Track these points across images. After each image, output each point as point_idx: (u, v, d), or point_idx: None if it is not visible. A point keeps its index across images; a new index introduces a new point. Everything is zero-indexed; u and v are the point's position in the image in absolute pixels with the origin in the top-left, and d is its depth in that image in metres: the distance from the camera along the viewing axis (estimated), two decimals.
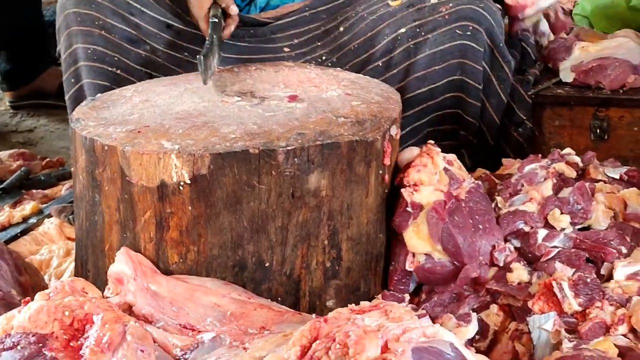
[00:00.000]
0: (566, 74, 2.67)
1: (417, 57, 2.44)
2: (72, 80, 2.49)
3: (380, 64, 2.44)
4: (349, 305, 1.62)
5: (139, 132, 1.87)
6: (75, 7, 2.44)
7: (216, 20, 2.33)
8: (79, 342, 1.58)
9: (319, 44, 2.51)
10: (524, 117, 2.55)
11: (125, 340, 1.56)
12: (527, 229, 2.04)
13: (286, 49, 2.50)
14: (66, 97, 2.53)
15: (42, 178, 2.93)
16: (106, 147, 1.83)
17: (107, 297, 1.77)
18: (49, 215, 2.55)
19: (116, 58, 2.45)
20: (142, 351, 1.56)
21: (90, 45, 2.44)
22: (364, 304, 1.67)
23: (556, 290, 1.85)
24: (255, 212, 1.83)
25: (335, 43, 2.53)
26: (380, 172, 1.95)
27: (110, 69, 2.42)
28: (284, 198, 1.84)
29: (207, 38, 2.28)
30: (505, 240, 2.05)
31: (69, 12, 2.45)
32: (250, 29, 2.53)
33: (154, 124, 1.91)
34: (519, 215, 2.06)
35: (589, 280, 1.85)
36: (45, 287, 2.16)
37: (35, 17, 4.09)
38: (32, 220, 2.54)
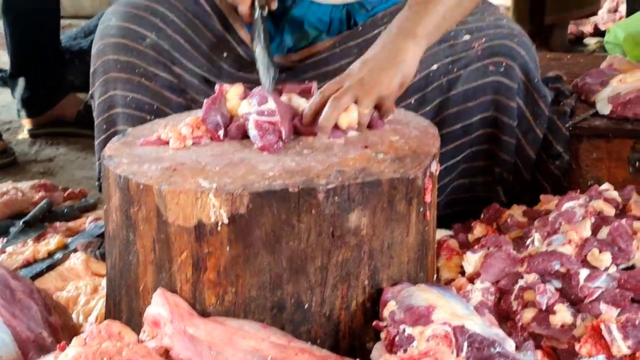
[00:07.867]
0: (603, 106, 2.59)
1: (450, 94, 2.37)
2: (104, 126, 2.43)
3: (413, 101, 2.37)
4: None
5: (174, 169, 1.82)
6: (116, 54, 2.37)
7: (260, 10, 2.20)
8: None
9: None
10: (561, 150, 2.49)
11: None
12: (563, 270, 1.99)
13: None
14: (95, 142, 2.48)
15: (65, 210, 2.88)
16: (141, 186, 1.78)
17: (143, 341, 1.72)
18: (75, 250, 2.49)
19: (155, 106, 2.37)
20: None
21: (129, 93, 2.37)
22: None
23: (604, 332, 1.79)
24: (294, 252, 1.78)
25: None
26: (421, 209, 1.89)
27: (148, 117, 2.35)
28: (323, 237, 1.78)
29: (255, 32, 2.18)
30: (545, 282, 1.99)
31: (108, 58, 2.37)
32: (282, 73, 2.46)
33: (189, 161, 1.86)
34: (556, 256, 2.02)
35: (637, 322, 1.80)
36: (73, 326, 2.11)
37: (54, 43, 4.05)
38: (58, 256, 2.48)
